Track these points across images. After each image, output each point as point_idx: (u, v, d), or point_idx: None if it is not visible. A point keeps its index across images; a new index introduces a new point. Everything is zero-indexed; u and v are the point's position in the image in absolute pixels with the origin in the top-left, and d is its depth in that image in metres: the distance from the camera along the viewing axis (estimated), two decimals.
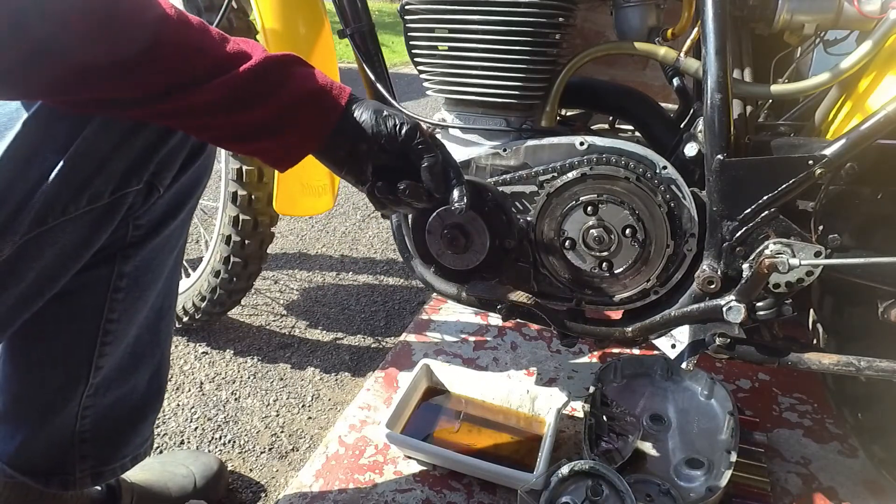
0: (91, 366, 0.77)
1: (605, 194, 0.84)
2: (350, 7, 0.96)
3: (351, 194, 2.45)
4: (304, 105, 0.62)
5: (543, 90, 0.89)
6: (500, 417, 1.09)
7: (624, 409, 1.03)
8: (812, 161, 0.74)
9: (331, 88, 0.64)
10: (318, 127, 0.64)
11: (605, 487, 0.84)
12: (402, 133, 0.66)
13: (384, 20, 7.44)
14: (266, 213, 1.30)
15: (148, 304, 0.80)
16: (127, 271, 0.75)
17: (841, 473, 1.03)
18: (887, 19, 0.74)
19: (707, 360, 1.23)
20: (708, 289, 0.81)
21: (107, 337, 0.77)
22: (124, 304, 0.77)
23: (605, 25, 1.49)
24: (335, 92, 0.64)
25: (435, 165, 0.67)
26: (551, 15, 0.83)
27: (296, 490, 0.97)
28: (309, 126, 0.63)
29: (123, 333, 0.79)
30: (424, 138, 0.67)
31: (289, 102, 0.61)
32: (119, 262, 0.74)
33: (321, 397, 1.30)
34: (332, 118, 0.64)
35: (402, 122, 0.66)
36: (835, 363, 0.80)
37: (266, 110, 0.60)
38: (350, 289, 1.75)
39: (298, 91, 0.61)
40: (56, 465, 0.81)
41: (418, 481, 0.99)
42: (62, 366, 0.77)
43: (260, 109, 0.60)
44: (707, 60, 0.76)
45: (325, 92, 0.63)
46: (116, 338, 0.78)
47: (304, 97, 0.62)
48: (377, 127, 0.65)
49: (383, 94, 0.95)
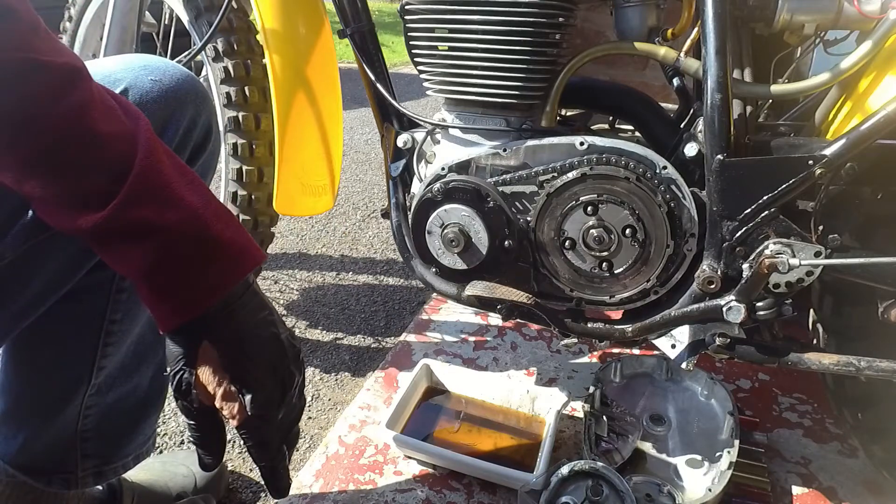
0: (94, 366, 0.77)
1: (605, 194, 0.84)
2: (350, 7, 0.96)
3: (351, 194, 2.45)
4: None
5: (543, 90, 0.89)
6: (500, 417, 1.09)
7: (624, 409, 1.03)
8: (812, 161, 0.74)
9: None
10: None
11: (605, 487, 0.84)
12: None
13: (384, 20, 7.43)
14: (266, 213, 1.30)
15: None
16: None
17: (841, 473, 1.03)
18: (887, 19, 0.74)
19: (707, 360, 1.23)
20: (708, 289, 0.81)
21: (110, 337, 0.77)
22: (127, 305, 0.77)
23: (605, 25, 1.49)
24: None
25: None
26: (551, 15, 0.83)
27: (296, 490, 0.97)
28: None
29: (126, 333, 0.79)
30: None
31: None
32: None
33: (321, 397, 1.29)
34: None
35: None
36: (835, 363, 0.80)
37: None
38: (350, 289, 1.75)
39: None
40: (58, 465, 0.81)
41: (418, 481, 0.99)
42: (65, 366, 0.77)
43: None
44: (707, 60, 0.76)
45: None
46: (119, 338, 0.78)
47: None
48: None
49: (383, 93, 0.95)
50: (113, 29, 1.28)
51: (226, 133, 1.25)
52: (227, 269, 0.56)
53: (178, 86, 0.70)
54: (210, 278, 0.55)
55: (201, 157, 0.75)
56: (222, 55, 1.23)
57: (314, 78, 1.08)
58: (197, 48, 1.15)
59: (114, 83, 0.65)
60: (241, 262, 0.56)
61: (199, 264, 0.54)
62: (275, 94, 1.05)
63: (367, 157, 2.93)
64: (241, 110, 1.23)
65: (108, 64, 0.68)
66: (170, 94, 0.68)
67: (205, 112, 0.73)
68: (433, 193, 0.90)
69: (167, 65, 0.71)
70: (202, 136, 0.74)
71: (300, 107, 1.07)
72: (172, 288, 0.54)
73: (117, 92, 0.65)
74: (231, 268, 0.56)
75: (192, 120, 0.71)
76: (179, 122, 0.70)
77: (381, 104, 0.99)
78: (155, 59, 0.71)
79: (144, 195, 0.52)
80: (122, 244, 0.53)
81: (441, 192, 0.89)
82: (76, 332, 0.76)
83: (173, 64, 0.72)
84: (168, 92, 0.68)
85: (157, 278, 0.53)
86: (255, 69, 1.25)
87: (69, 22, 1.48)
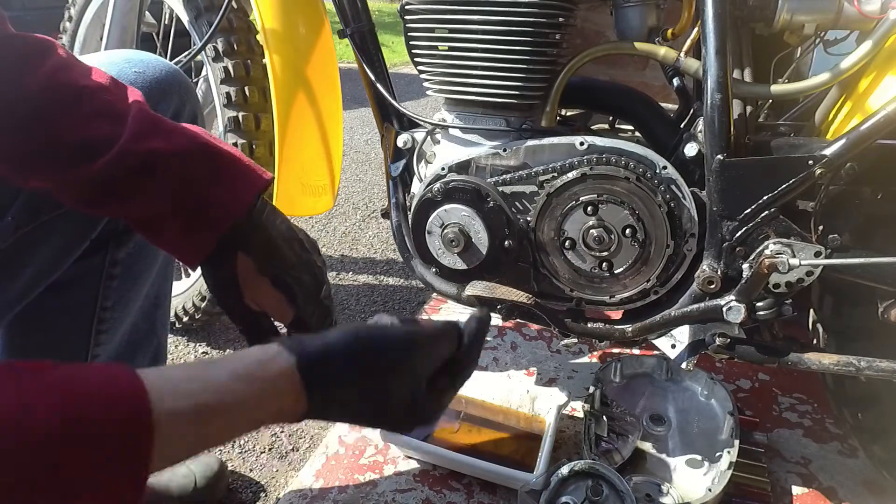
0: (88, 354, 0.77)
1: (605, 194, 0.84)
2: (350, 7, 0.96)
3: (351, 194, 2.45)
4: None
5: (543, 90, 0.89)
6: (500, 417, 1.09)
7: (624, 409, 1.03)
8: (812, 161, 0.74)
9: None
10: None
11: (605, 487, 0.84)
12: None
13: (384, 20, 7.43)
14: None
15: (142, 292, 0.80)
16: (120, 258, 0.75)
17: (841, 473, 1.03)
18: (887, 19, 0.74)
19: (707, 360, 1.23)
20: (708, 289, 0.81)
21: (102, 325, 0.77)
22: (118, 292, 0.77)
23: (605, 25, 1.49)
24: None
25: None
26: (551, 15, 0.83)
27: (296, 490, 0.97)
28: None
29: (119, 321, 0.78)
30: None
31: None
32: (111, 249, 0.75)
33: None
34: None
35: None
36: (835, 363, 0.80)
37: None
38: (350, 289, 1.75)
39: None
40: None
41: (418, 481, 0.99)
42: (59, 355, 0.77)
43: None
44: (707, 60, 0.76)
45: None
46: (112, 326, 0.78)
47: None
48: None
49: (383, 93, 0.95)
50: (113, 29, 1.28)
51: (226, 133, 1.24)
52: (247, 179, 0.58)
53: (162, 77, 0.70)
54: (234, 190, 0.57)
55: None
56: (222, 55, 1.23)
57: (314, 78, 1.08)
58: (197, 48, 1.15)
59: None
60: (254, 175, 0.59)
61: (218, 180, 0.56)
62: (275, 94, 1.05)
63: (367, 157, 2.93)
64: (241, 110, 1.23)
65: (91, 60, 0.69)
66: (153, 84, 0.69)
67: (189, 102, 0.73)
68: (433, 193, 0.90)
69: (150, 58, 0.72)
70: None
71: (300, 107, 1.07)
72: (201, 206, 0.56)
73: None
74: (250, 178, 0.58)
75: (177, 110, 0.72)
76: (165, 112, 0.70)
77: (381, 104, 0.99)
78: (138, 52, 0.72)
79: (149, 128, 0.54)
80: (140, 181, 0.54)
81: (441, 192, 0.89)
82: (69, 321, 0.76)
83: (156, 57, 0.72)
84: (152, 83, 0.69)
85: (183, 203, 0.55)
86: (255, 69, 1.25)
87: (69, 22, 1.48)
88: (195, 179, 0.55)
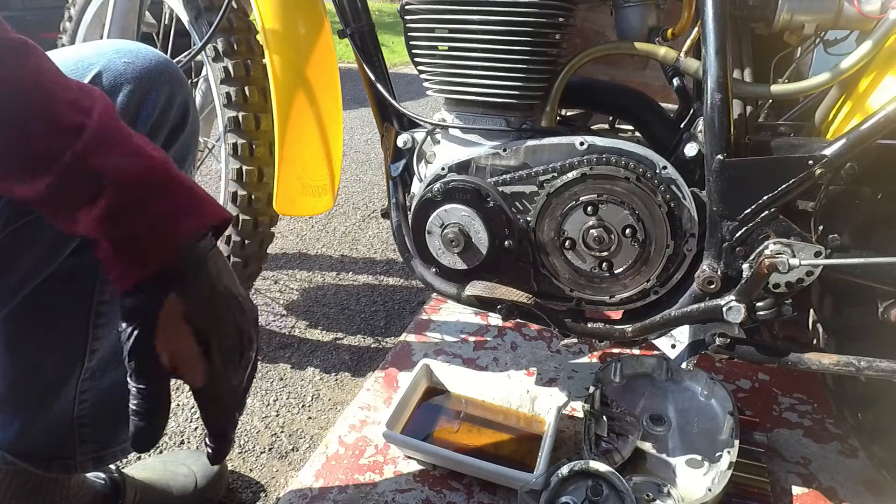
0: (86, 349, 0.77)
1: (605, 194, 0.84)
2: (350, 7, 0.96)
3: (351, 194, 2.45)
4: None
5: (543, 90, 0.89)
6: (500, 417, 1.09)
7: (624, 409, 1.03)
8: (812, 161, 0.74)
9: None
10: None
11: (605, 487, 0.84)
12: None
13: (384, 20, 7.44)
14: (266, 214, 1.30)
15: None
16: None
17: (841, 473, 1.03)
18: (887, 19, 0.74)
19: (707, 360, 1.23)
20: (708, 289, 0.81)
21: (99, 318, 0.77)
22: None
23: (605, 25, 1.49)
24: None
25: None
26: (551, 15, 0.83)
27: (296, 490, 0.97)
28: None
29: (116, 315, 0.78)
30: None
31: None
32: None
33: (321, 397, 1.29)
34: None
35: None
36: (835, 363, 0.80)
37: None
38: (350, 289, 1.75)
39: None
40: (56, 451, 0.80)
41: (418, 481, 0.99)
42: (57, 350, 0.76)
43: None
44: (707, 60, 0.76)
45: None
46: (109, 319, 0.77)
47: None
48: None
49: (383, 93, 0.95)
50: (113, 29, 1.28)
51: (226, 133, 1.25)
52: (197, 213, 0.54)
53: (153, 66, 0.69)
54: (180, 222, 0.53)
55: (180, 136, 0.75)
56: (222, 55, 1.23)
57: (314, 78, 1.08)
58: (197, 48, 1.15)
59: (87, 67, 0.65)
60: (208, 211, 0.55)
61: (167, 209, 0.52)
62: (275, 94, 1.05)
63: (367, 157, 2.93)
64: (241, 110, 1.23)
65: (81, 50, 0.68)
66: (143, 74, 0.68)
67: (181, 93, 0.73)
68: (433, 193, 0.90)
69: (140, 47, 0.71)
70: (180, 116, 0.73)
71: (300, 107, 1.07)
72: (140, 234, 0.51)
73: (90, 75, 0.65)
74: (200, 213, 0.54)
75: (167, 100, 0.71)
76: (156, 101, 0.69)
77: (381, 104, 0.99)
78: (128, 42, 0.71)
79: (104, 144, 0.50)
80: (82, 195, 0.50)
81: (441, 192, 0.89)
82: (66, 315, 0.75)
83: (146, 47, 0.72)
84: (142, 73, 0.68)
85: (121, 226, 0.51)
86: (255, 69, 1.25)
87: (69, 22, 1.48)
88: (139, 203, 0.51)
